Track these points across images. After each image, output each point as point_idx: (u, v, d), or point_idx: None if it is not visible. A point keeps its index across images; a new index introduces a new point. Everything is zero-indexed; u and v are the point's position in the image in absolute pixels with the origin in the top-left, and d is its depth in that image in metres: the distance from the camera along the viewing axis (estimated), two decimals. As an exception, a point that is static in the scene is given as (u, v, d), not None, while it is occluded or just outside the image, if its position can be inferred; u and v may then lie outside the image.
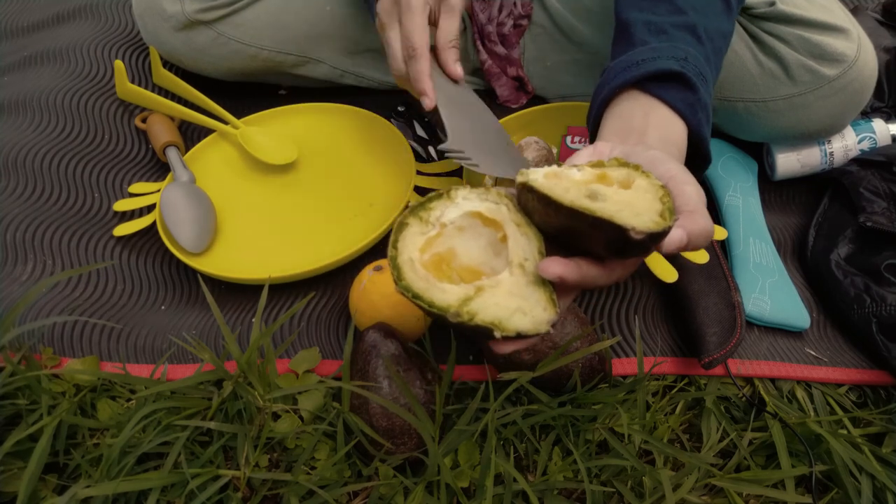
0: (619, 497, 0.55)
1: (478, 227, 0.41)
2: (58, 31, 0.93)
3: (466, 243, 0.41)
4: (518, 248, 0.39)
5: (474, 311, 0.37)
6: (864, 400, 0.64)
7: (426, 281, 0.38)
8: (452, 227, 0.41)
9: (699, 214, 0.38)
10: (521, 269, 0.38)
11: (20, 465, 0.53)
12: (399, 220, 0.41)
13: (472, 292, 0.37)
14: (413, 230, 0.41)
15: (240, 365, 0.55)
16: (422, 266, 0.39)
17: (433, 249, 0.40)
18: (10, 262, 0.69)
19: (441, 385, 0.54)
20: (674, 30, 0.53)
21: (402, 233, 0.40)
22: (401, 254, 0.39)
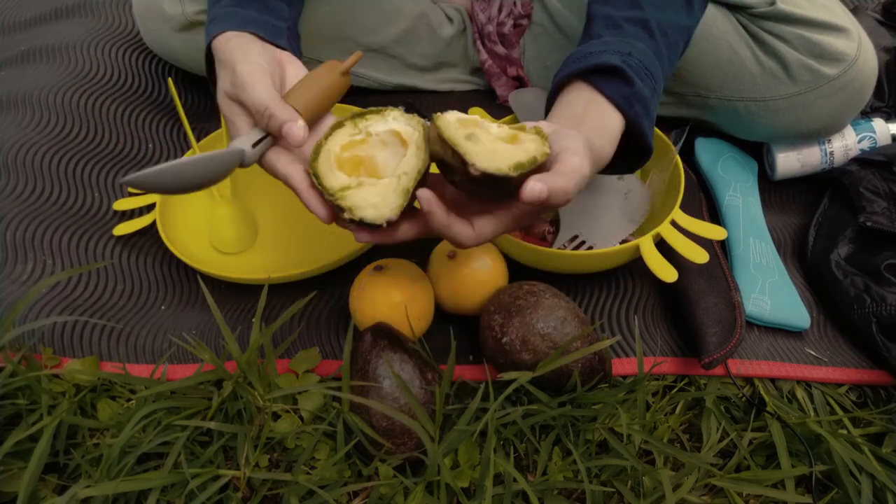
0: (619, 497, 0.55)
1: (397, 144, 0.50)
2: (56, 27, 0.93)
3: (386, 156, 0.50)
4: (405, 164, 0.48)
5: (344, 196, 0.47)
6: (864, 400, 0.63)
7: (328, 167, 0.48)
8: (377, 138, 0.50)
9: (565, 176, 0.43)
10: (398, 179, 0.47)
11: (20, 465, 0.53)
12: (339, 121, 0.51)
13: (354, 184, 0.47)
14: (345, 131, 0.51)
15: (240, 365, 0.55)
16: (336, 159, 0.49)
17: (355, 150, 0.50)
18: (9, 261, 0.69)
19: (441, 385, 0.54)
20: (627, 24, 0.55)
21: (336, 130, 0.50)
22: (325, 144, 0.49)
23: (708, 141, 0.81)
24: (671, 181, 0.69)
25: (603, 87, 0.52)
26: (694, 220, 0.63)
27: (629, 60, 0.52)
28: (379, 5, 0.81)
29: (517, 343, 0.56)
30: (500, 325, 0.57)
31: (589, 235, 0.69)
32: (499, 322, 0.57)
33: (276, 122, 0.48)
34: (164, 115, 0.86)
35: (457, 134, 0.44)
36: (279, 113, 0.48)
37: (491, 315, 0.58)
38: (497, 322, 0.57)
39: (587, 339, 0.57)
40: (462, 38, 0.89)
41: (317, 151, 0.49)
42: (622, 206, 0.71)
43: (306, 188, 0.49)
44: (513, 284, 0.60)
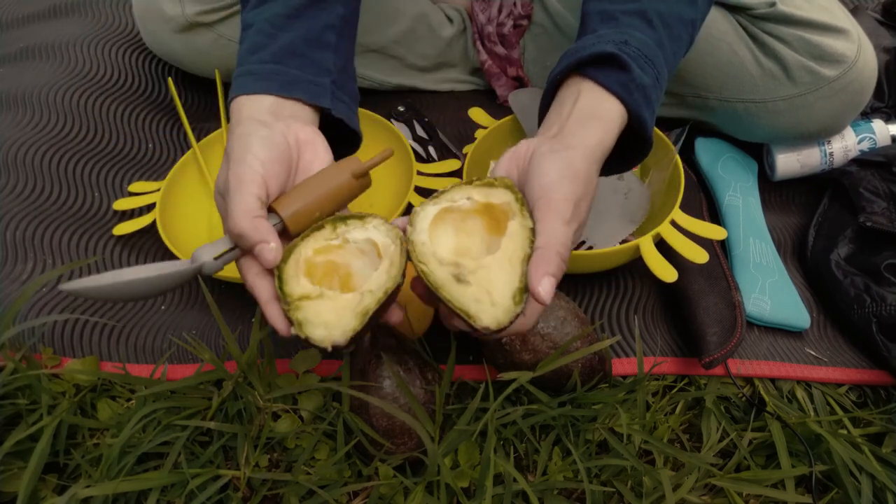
0: (619, 497, 0.55)
1: (375, 255, 0.47)
2: (55, 24, 0.93)
3: (362, 265, 0.48)
4: (373, 280, 0.45)
5: (300, 306, 0.44)
6: (864, 400, 0.64)
7: (295, 271, 0.45)
8: (354, 246, 0.48)
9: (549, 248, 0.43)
10: (360, 296, 0.45)
11: (20, 465, 0.53)
12: (322, 223, 0.48)
13: (315, 294, 0.44)
14: (322, 234, 0.48)
15: (240, 365, 0.55)
16: (306, 263, 0.46)
17: (330, 256, 0.47)
18: (9, 260, 0.69)
19: (441, 385, 0.54)
20: (623, 16, 0.54)
21: (314, 232, 0.47)
22: (300, 246, 0.47)
23: (708, 141, 0.81)
24: (671, 181, 0.69)
25: (598, 76, 0.51)
26: (694, 220, 0.63)
27: (625, 48, 0.51)
28: (379, 5, 0.81)
29: (517, 343, 0.56)
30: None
31: (589, 235, 0.69)
32: None
33: (246, 244, 0.45)
34: (164, 115, 0.86)
35: (447, 280, 0.44)
36: (251, 235, 0.44)
37: None
38: None
39: (587, 339, 0.57)
40: (462, 38, 0.89)
41: (289, 252, 0.46)
42: (622, 206, 0.71)
43: (268, 300, 0.45)
44: None
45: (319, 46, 0.55)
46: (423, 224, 0.49)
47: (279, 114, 0.51)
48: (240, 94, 0.52)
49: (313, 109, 0.54)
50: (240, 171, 0.46)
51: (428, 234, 0.48)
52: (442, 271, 0.46)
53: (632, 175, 0.72)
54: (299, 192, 0.48)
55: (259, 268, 0.46)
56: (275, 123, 0.50)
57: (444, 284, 0.45)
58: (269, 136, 0.48)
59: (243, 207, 0.45)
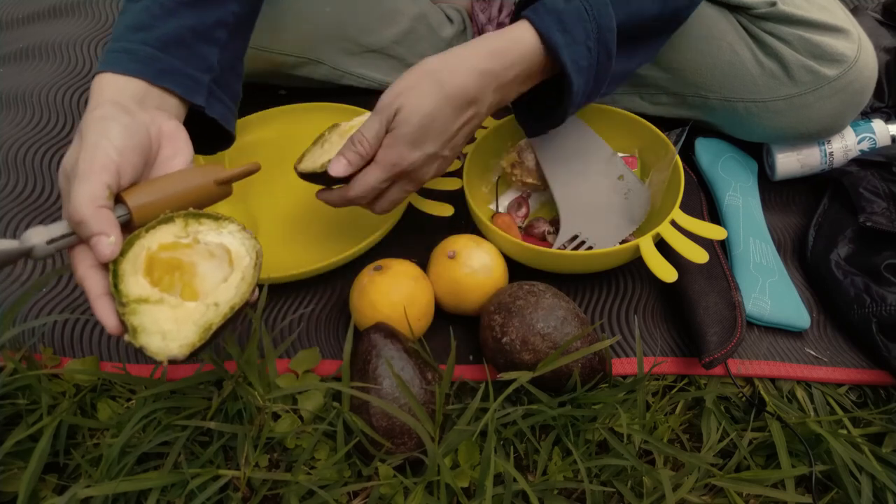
0: (619, 497, 0.55)
1: (226, 261, 0.45)
2: (54, 24, 0.93)
3: (209, 268, 0.45)
4: (222, 292, 0.43)
5: (136, 310, 0.41)
6: (864, 400, 0.63)
7: (134, 267, 0.42)
8: (205, 247, 0.45)
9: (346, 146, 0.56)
10: (206, 308, 0.42)
11: (20, 465, 0.53)
12: (173, 216, 0.45)
13: (154, 298, 0.42)
14: (171, 228, 0.45)
15: (239, 365, 0.55)
16: (148, 257, 0.43)
17: (176, 253, 0.45)
18: (10, 262, 0.69)
19: (441, 385, 0.54)
20: None
21: (162, 224, 0.45)
22: (144, 238, 0.44)
23: (708, 141, 0.81)
24: (671, 181, 0.69)
25: (523, 10, 0.54)
26: (694, 220, 0.63)
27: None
28: (379, 5, 0.81)
29: (517, 343, 0.56)
30: (500, 324, 0.57)
31: (589, 235, 0.69)
32: (499, 322, 0.57)
33: (85, 232, 0.42)
34: (165, 116, 0.86)
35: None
36: (91, 224, 0.41)
37: (491, 315, 0.58)
38: (497, 322, 0.57)
39: (587, 339, 0.57)
40: (462, 38, 0.89)
41: (129, 244, 0.43)
42: (622, 205, 0.71)
43: (99, 295, 0.42)
44: (513, 284, 0.60)
45: (207, 41, 0.54)
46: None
47: (145, 102, 0.49)
48: (108, 71, 0.49)
49: (182, 103, 0.52)
50: (93, 154, 0.43)
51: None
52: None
53: (632, 175, 0.72)
54: (154, 186, 0.46)
55: (94, 260, 0.43)
56: (138, 112, 0.48)
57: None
58: (130, 124, 0.46)
59: (89, 194, 0.42)
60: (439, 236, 0.66)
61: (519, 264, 0.67)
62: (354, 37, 0.82)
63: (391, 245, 0.66)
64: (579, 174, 0.71)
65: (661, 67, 0.76)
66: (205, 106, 0.53)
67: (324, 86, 0.86)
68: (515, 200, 0.76)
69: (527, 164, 0.72)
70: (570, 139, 0.72)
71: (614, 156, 0.72)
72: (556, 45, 0.53)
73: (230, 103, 0.58)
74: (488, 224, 0.65)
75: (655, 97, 0.79)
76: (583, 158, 0.72)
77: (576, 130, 0.73)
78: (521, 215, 0.75)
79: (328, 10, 0.79)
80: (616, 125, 0.75)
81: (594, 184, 0.72)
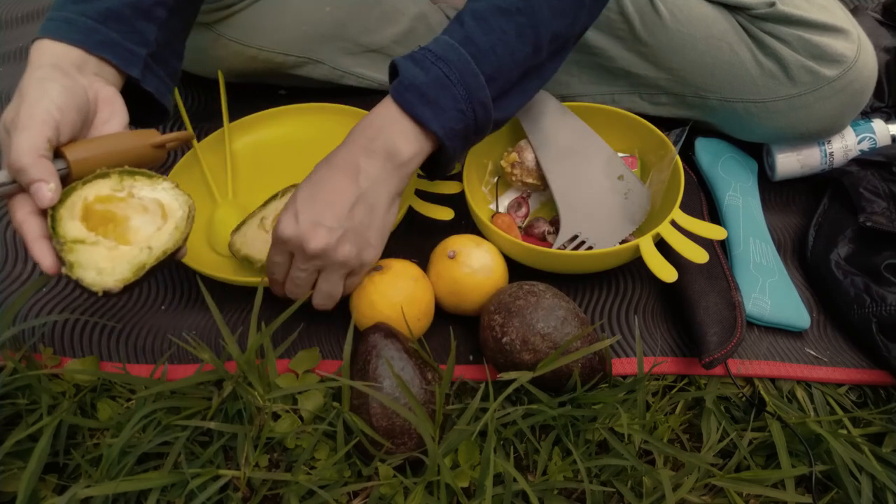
0: (619, 497, 0.55)
1: (157, 213, 0.50)
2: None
3: (142, 222, 0.49)
4: (156, 239, 0.48)
5: (73, 248, 0.45)
6: (864, 400, 0.64)
7: (71, 213, 0.46)
8: (139, 201, 0.49)
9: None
10: (139, 250, 0.47)
11: (20, 465, 0.53)
12: (109, 171, 0.49)
13: (90, 241, 0.46)
14: (107, 183, 0.49)
15: (239, 365, 0.55)
16: (84, 207, 0.47)
17: (111, 206, 0.48)
18: (10, 260, 0.69)
19: (441, 385, 0.54)
20: (449, 24, 0.57)
21: (98, 178, 0.49)
22: (81, 190, 0.47)
23: (708, 141, 0.81)
24: (671, 181, 0.69)
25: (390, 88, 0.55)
26: (694, 220, 0.63)
27: (416, 55, 0.55)
28: (379, 5, 0.81)
29: (517, 343, 0.56)
30: (501, 324, 0.57)
31: (589, 235, 0.69)
32: (499, 322, 0.57)
33: (26, 179, 0.45)
34: (164, 116, 0.86)
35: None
36: (32, 171, 0.44)
37: (491, 315, 0.58)
38: (497, 322, 0.57)
39: (587, 339, 0.57)
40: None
41: (66, 194, 0.47)
42: (622, 206, 0.71)
43: (37, 238, 0.45)
44: (513, 284, 0.60)
45: (145, 18, 0.56)
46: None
47: (84, 69, 0.52)
48: (48, 38, 0.52)
49: (119, 73, 0.55)
50: (34, 110, 0.46)
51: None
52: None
53: (632, 175, 0.72)
54: (92, 144, 0.49)
55: (32, 207, 0.46)
56: (77, 76, 0.51)
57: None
58: (70, 85, 0.49)
59: (30, 143, 0.45)
60: (439, 236, 0.66)
61: (519, 264, 0.67)
62: (354, 36, 0.82)
63: (391, 245, 0.66)
64: (579, 174, 0.71)
65: (660, 68, 0.76)
66: (140, 78, 0.56)
67: (324, 85, 0.86)
68: (515, 200, 0.76)
69: (527, 164, 0.72)
70: (571, 139, 0.72)
71: (614, 156, 0.72)
72: (424, 118, 0.54)
73: (167, 79, 0.60)
74: (488, 224, 0.65)
75: (655, 97, 0.79)
76: (583, 158, 0.72)
77: (576, 130, 0.73)
78: (522, 215, 0.75)
79: (328, 10, 0.79)
80: (616, 125, 0.75)
81: (594, 184, 0.72)
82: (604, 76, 0.80)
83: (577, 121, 0.73)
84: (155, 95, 0.58)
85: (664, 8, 0.72)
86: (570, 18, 0.58)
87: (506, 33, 0.55)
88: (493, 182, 0.78)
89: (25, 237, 0.46)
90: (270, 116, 0.83)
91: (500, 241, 0.65)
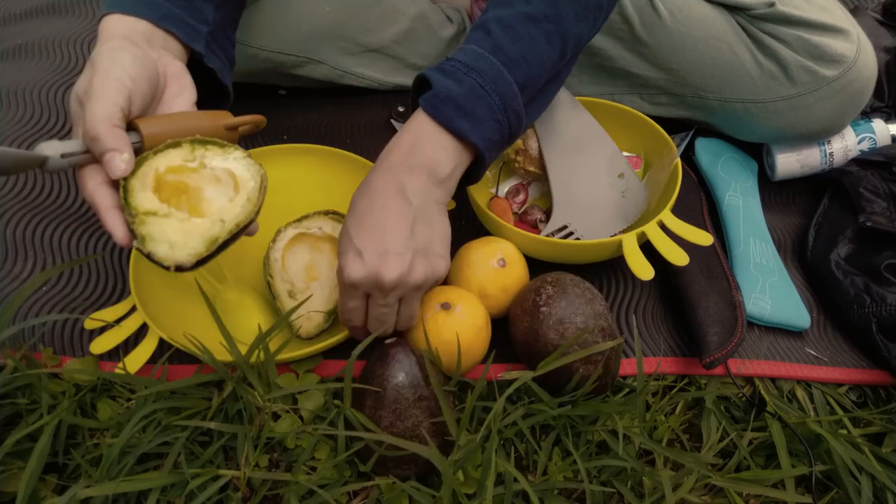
0: (619, 497, 0.55)
1: (229, 185, 0.49)
2: (54, 22, 0.92)
3: (215, 193, 0.48)
4: (229, 211, 0.46)
5: (145, 221, 0.44)
6: (864, 400, 0.64)
7: (143, 184, 0.45)
8: (211, 172, 0.48)
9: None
10: (212, 223, 0.46)
11: (20, 465, 0.53)
12: (180, 141, 0.48)
13: (162, 213, 0.45)
14: (179, 153, 0.48)
15: (239, 367, 0.55)
16: (156, 178, 0.46)
17: (183, 177, 0.47)
18: (9, 259, 0.69)
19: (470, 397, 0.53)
20: (469, 33, 0.57)
21: (170, 148, 0.48)
22: (153, 160, 0.47)
23: (708, 141, 0.81)
24: (668, 183, 0.69)
25: (419, 100, 0.54)
26: (682, 224, 0.62)
27: (445, 66, 0.54)
28: (379, 5, 0.81)
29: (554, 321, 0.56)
30: (549, 297, 0.57)
31: (578, 227, 0.69)
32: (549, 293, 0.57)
33: (99, 148, 0.44)
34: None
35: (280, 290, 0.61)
36: (106, 140, 0.44)
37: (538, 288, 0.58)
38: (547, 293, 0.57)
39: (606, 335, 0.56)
40: (462, 38, 0.89)
41: (139, 164, 0.46)
42: (618, 203, 0.70)
43: (109, 208, 0.45)
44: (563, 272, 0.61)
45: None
46: (280, 244, 0.62)
47: (152, 41, 0.52)
48: (116, 12, 0.52)
49: (184, 49, 0.55)
50: (107, 79, 0.46)
51: (282, 253, 0.61)
52: (281, 286, 0.60)
53: (633, 174, 0.72)
54: (165, 119, 0.48)
55: (104, 177, 0.46)
56: (147, 48, 0.50)
57: (280, 296, 0.61)
58: (141, 55, 0.49)
59: (104, 112, 0.44)
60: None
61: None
62: (354, 36, 0.82)
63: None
64: (579, 167, 0.71)
65: (660, 68, 0.76)
66: (203, 54, 0.56)
67: (324, 85, 0.86)
68: (514, 187, 0.77)
69: (530, 153, 0.73)
70: (577, 132, 0.72)
71: (618, 154, 0.72)
72: (463, 131, 0.53)
73: (225, 62, 0.60)
74: (482, 206, 0.66)
75: (655, 97, 0.79)
76: (586, 152, 0.72)
77: (583, 125, 0.73)
78: (519, 201, 0.76)
79: (328, 10, 0.79)
80: (625, 124, 0.75)
81: (593, 179, 0.71)
82: (603, 76, 0.80)
83: (586, 115, 0.73)
84: (217, 74, 0.58)
85: (664, 8, 0.72)
86: (591, 22, 0.58)
87: (535, 40, 0.55)
88: (498, 167, 0.78)
89: (98, 207, 0.45)
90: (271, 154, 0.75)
91: (489, 223, 0.66)
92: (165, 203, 0.46)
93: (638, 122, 0.75)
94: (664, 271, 0.68)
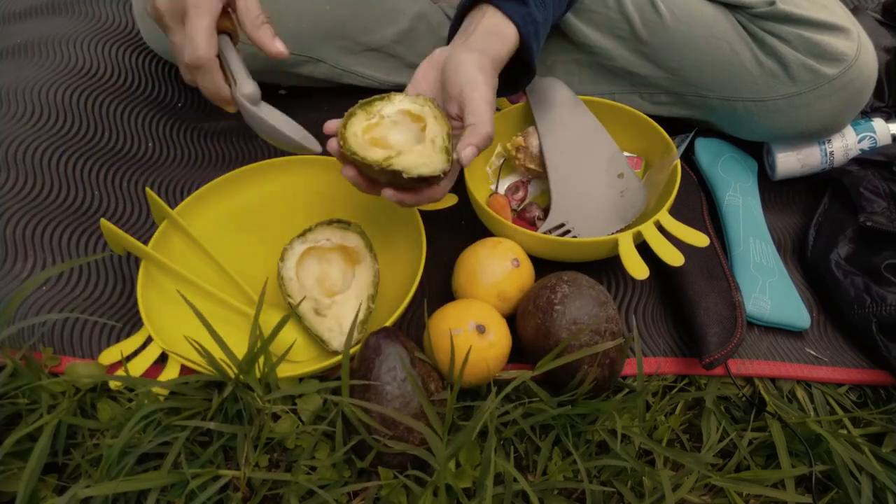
0: (619, 497, 0.55)
1: (407, 122, 0.57)
2: (53, 21, 0.92)
3: (398, 134, 0.57)
4: (431, 131, 0.56)
5: (393, 163, 0.52)
6: (864, 400, 0.64)
7: (363, 147, 0.54)
8: (388, 119, 0.57)
9: (482, 125, 0.54)
10: (432, 143, 0.55)
11: (20, 465, 0.53)
12: (349, 111, 0.57)
13: (394, 154, 0.53)
14: (359, 118, 0.57)
15: (239, 368, 0.55)
16: (361, 139, 0.55)
17: (371, 134, 0.56)
18: (9, 259, 0.68)
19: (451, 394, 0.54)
20: None
21: (350, 119, 0.57)
22: (348, 130, 0.56)
23: (708, 141, 0.81)
24: (667, 184, 0.69)
25: (502, 5, 0.60)
26: (679, 224, 0.62)
27: None
28: (379, 5, 0.81)
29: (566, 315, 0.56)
30: (564, 295, 0.57)
31: (575, 225, 0.69)
32: (564, 292, 0.58)
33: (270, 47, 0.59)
34: (164, 114, 0.86)
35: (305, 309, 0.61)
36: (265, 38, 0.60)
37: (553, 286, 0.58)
38: (563, 291, 0.58)
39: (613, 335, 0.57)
40: (462, 37, 0.88)
41: (343, 137, 0.55)
42: (616, 203, 0.70)
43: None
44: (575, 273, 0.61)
45: None
46: (290, 262, 0.63)
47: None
48: None
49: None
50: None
51: (295, 271, 0.63)
52: (305, 305, 0.61)
53: (633, 175, 0.72)
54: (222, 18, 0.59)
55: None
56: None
57: (306, 315, 0.61)
58: None
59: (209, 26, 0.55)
60: (440, 237, 0.66)
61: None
62: (354, 35, 0.81)
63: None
64: (579, 166, 0.71)
65: (660, 67, 0.76)
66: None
67: (324, 84, 0.86)
68: (514, 184, 0.77)
69: (531, 150, 0.73)
70: (578, 131, 0.73)
71: (619, 154, 0.72)
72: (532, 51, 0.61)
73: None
74: (481, 203, 0.66)
75: (655, 96, 0.79)
76: (586, 152, 0.72)
77: (585, 123, 0.73)
78: (518, 198, 0.76)
79: (328, 9, 0.79)
80: (625, 124, 0.75)
81: (592, 178, 0.71)
82: (604, 75, 0.80)
83: (588, 114, 0.73)
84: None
85: (664, 7, 0.72)
86: None
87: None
88: (499, 164, 0.78)
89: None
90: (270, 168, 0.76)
91: (487, 219, 0.67)
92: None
93: (638, 121, 0.74)
94: (664, 271, 0.68)
